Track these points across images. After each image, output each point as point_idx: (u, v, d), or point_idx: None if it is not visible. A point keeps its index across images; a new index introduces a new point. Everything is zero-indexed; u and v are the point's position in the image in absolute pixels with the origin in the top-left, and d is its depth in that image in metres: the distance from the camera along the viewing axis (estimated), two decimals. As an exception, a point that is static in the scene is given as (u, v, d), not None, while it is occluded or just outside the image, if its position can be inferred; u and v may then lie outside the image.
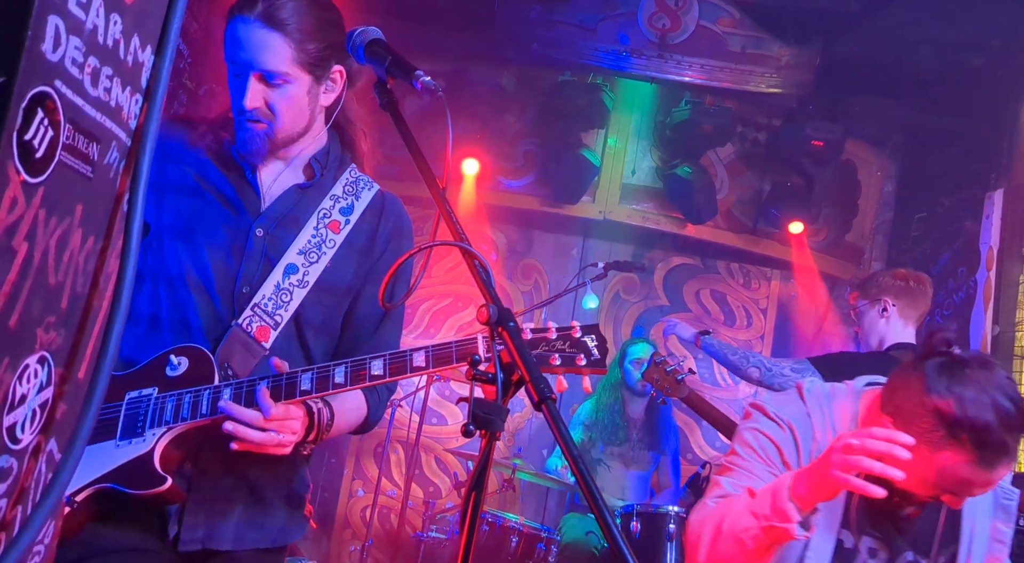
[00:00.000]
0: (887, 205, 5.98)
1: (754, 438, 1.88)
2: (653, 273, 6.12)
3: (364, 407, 1.86)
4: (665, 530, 4.10)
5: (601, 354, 1.47)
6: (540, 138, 5.79)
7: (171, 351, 1.69)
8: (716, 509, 1.79)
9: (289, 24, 1.67)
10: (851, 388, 1.94)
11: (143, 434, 1.63)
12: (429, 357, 1.56)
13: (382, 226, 1.89)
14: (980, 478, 1.63)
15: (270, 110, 1.73)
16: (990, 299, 4.73)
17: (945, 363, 1.68)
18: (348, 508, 5.78)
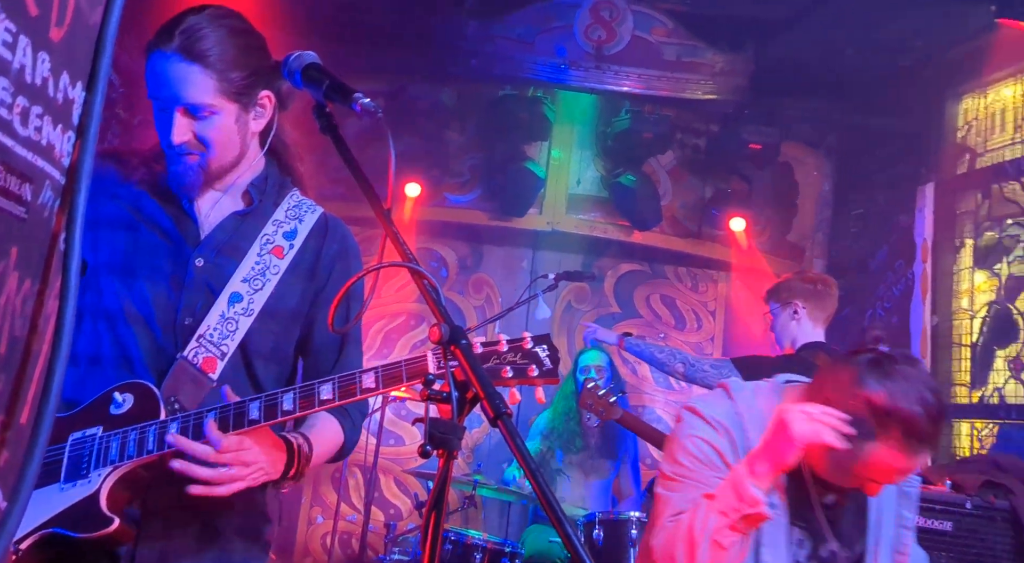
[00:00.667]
0: (825, 203, 6.13)
1: (694, 446, 1.91)
2: (603, 281, 6.17)
3: (340, 434, 1.83)
4: (628, 536, 4.12)
5: (553, 363, 1.46)
6: (484, 153, 5.81)
7: (115, 388, 1.65)
8: (679, 526, 1.81)
9: (210, 55, 1.63)
10: (772, 385, 2.02)
11: (88, 475, 1.59)
12: (379, 378, 1.54)
13: (327, 249, 1.86)
14: (904, 466, 1.75)
15: (200, 142, 1.69)
16: (927, 290, 4.88)
17: (875, 359, 1.78)
18: (308, 536, 5.69)
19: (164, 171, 1.78)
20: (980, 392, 4.44)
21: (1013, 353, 4.29)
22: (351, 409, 1.85)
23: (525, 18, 5.29)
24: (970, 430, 4.53)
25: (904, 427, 1.70)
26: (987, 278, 4.60)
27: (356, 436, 1.89)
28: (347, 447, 1.87)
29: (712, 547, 1.74)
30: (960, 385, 4.55)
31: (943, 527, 3.19)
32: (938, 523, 3.17)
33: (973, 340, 4.56)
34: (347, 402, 1.57)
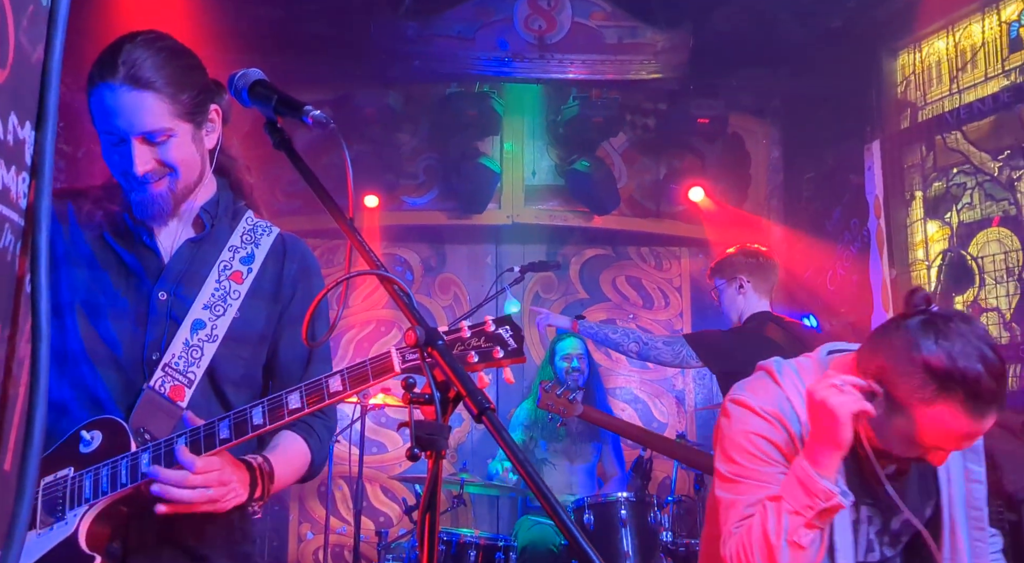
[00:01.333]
0: (776, 170, 6.21)
1: (750, 443, 1.82)
2: (568, 269, 6.20)
3: (307, 452, 1.82)
4: (618, 517, 4.17)
5: (517, 343, 1.46)
6: (437, 153, 5.81)
7: (81, 427, 1.63)
8: (751, 531, 1.74)
9: (156, 81, 1.62)
10: (816, 359, 1.94)
11: (64, 517, 1.58)
12: (345, 380, 1.53)
13: (287, 269, 1.86)
14: (971, 429, 1.66)
15: (165, 166, 1.68)
16: (883, 245, 4.98)
17: (928, 320, 1.70)
18: (300, 553, 5.65)
19: (120, 207, 1.77)
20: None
21: (971, 297, 4.40)
22: (317, 427, 1.85)
23: (464, 14, 5.29)
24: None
25: (967, 387, 1.62)
26: (939, 227, 4.71)
27: (324, 453, 1.88)
28: (316, 465, 1.85)
29: (791, 548, 1.68)
30: (924, 335, 4.66)
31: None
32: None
33: (932, 289, 4.67)
34: (316, 408, 1.55)
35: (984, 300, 4.30)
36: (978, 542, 1.92)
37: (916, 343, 1.67)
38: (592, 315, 6.15)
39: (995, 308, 4.23)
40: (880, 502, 1.86)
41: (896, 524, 1.89)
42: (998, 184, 4.31)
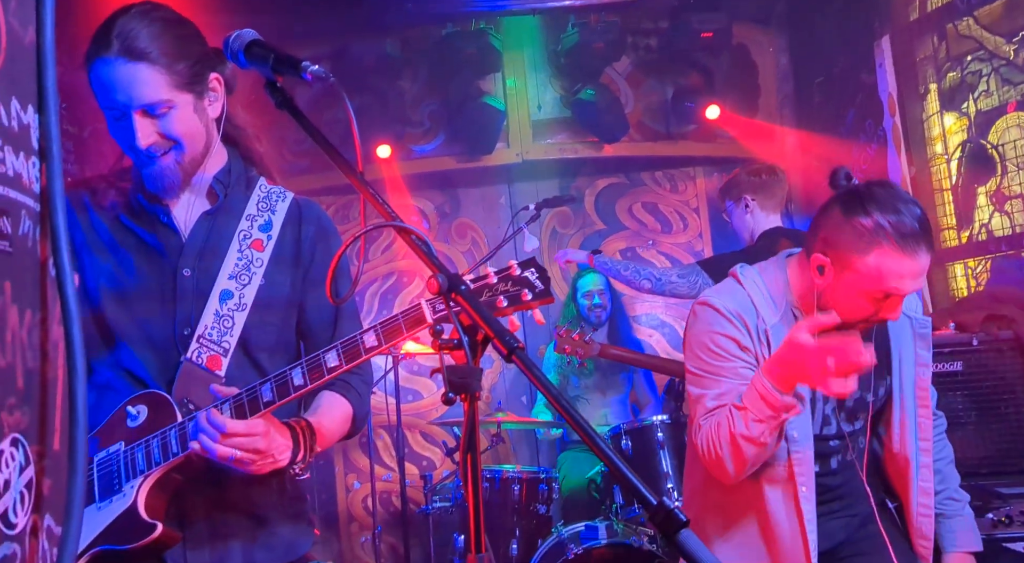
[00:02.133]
0: (785, 78, 6.08)
1: (713, 343, 2.05)
2: (583, 201, 6.16)
3: (348, 409, 1.87)
4: (655, 439, 4.23)
5: (544, 284, 1.47)
6: (440, 97, 5.73)
7: (126, 403, 1.68)
8: (719, 428, 1.96)
9: (151, 52, 1.62)
10: (776, 261, 2.16)
11: (122, 489, 1.63)
12: (379, 335, 1.55)
13: (304, 233, 1.88)
14: (909, 266, 1.89)
15: (168, 139, 1.68)
16: (900, 142, 4.89)
17: (849, 191, 1.98)
18: (349, 502, 5.80)
19: (134, 186, 1.79)
20: (967, 232, 4.49)
21: (993, 187, 4.33)
22: (355, 383, 1.89)
23: (452, -50, 5.16)
24: (964, 270, 4.60)
25: (894, 229, 1.87)
26: (956, 119, 4.61)
27: (364, 408, 1.92)
28: (358, 420, 1.90)
29: (754, 445, 1.90)
30: (947, 229, 4.60)
31: (954, 368, 3.29)
32: (948, 365, 3.27)
33: (953, 183, 4.59)
34: (354, 365, 1.58)
35: (1007, 188, 4.23)
36: (923, 419, 2.18)
37: (843, 212, 1.94)
38: (611, 245, 6.13)
39: (1019, 195, 4.16)
40: None
41: (850, 401, 2.12)
42: (1014, 67, 4.19)
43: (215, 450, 1.56)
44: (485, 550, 1.12)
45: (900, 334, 2.17)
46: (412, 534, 4.94)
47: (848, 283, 1.94)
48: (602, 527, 4.03)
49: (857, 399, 2.13)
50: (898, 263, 1.88)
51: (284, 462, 1.66)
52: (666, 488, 4.15)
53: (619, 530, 4.07)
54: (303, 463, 1.71)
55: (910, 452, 2.15)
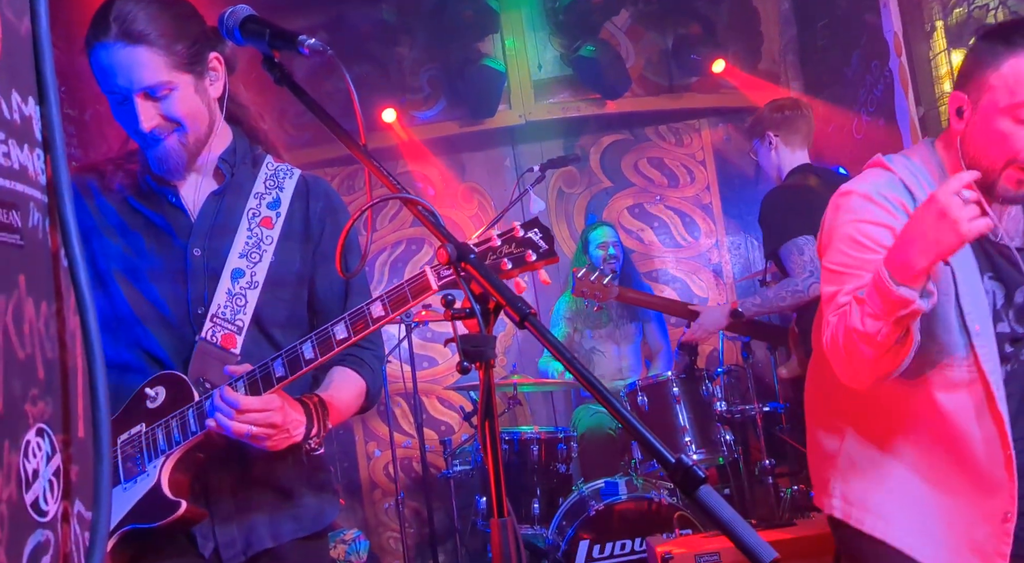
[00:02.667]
0: (788, 23, 5.98)
1: (860, 233, 1.79)
2: (588, 159, 6.12)
3: (361, 383, 1.88)
4: (671, 394, 4.25)
5: (548, 244, 1.45)
6: (439, 61, 5.67)
7: (144, 386, 1.70)
8: (840, 319, 1.74)
9: (149, 34, 1.62)
10: (920, 144, 1.93)
11: (145, 469, 1.66)
12: (386, 304, 1.56)
13: (312, 209, 1.88)
14: None
15: (170, 121, 1.69)
16: (908, 83, 4.82)
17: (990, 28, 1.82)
18: (371, 470, 5.88)
19: (141, 168, 1.80)
20: (979, 173, 4.44)
21: (1004, 126, 4.27)
22: (367, 358, 1.90)
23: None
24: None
25: (1014, 28, 1.71)
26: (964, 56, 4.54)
27: (378, 382, 1.93)
28: (372, 394, 1.91)
29: (870, 346, 1.67)
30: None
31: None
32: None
33: (963, 124, 4.54)
34: (363, 335, 1.59)
35: (1017, 127, 4.18)
36: None
37: (981, 40, 1.78)
38: (618, 202, 6.10)
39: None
40: (1002, 273, 1.83)
41: (1020, 296, 1.83)
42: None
43: (230, 427, 1.58)
44: (508, 514, 1.13)
45: None
46: (434, 498, 5.01)
47: (986, 111, 1.70)
48: (622, 483, 4.08)
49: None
50: None
51: (299, 437, 1.68)
52: (684, 442, 4.19)
53: (639, 485, 4.11)
54: (318, 438, 1.74)
55: None
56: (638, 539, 3.94)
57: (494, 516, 1.12)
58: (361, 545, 4.57)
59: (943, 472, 1.82)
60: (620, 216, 6.08)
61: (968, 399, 1.77)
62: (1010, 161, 1.71)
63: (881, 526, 1.87)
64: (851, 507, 1.93)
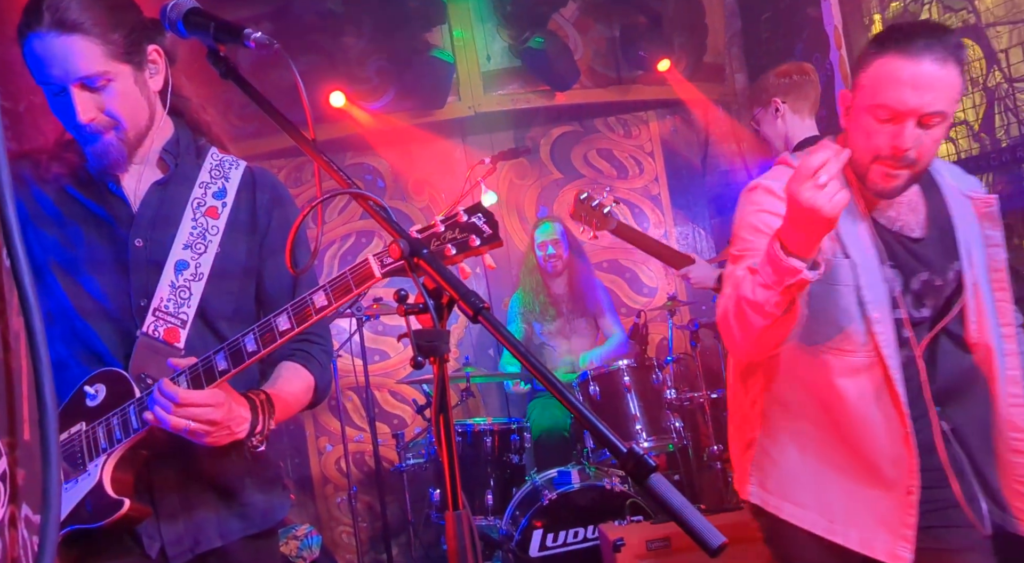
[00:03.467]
0: (733, 15, 6.07)
1: (760, 221, 1.91)
2: (539, 151, 6.14)
3: (309, 378, 1.85)
4: (622, 383, 4.31)
5: (492, 228, 1.42)
6: (386, 52, 5.62)
7: (83, 383, 1.66)
8: (730, 295, 1.85)
9: (84, 22, 1.57)
10: (826, 141, 1.99)
11: (86, 468, 1.63)
12: (329, 293, 1.53)
13: (259, 200, 1.85)
14: (908, 73, 1.73)
15: (109, 117, 1.64)
16: (847, 75, 4.93)
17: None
18: (322, 465, 5.84)
19: (79, 158, 1.74)
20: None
21: (940, 116, 4.40)
22: (315, 352, 1.87)
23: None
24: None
25: (899, 31, 1.76)
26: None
27: (326, 377, 1.90)
28: (320, 389, 1.88)
29: (759, 314, 1.77)
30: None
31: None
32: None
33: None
34: (306, 326, 1.55)
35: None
36: (1003, 303, 2.00)
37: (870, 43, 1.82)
38: (569, 193, 6.13)
39: (963, 121, 4.24)
40: (900, 261, 1.93)
41: (916, 283, 1.94)
42: (955, -4, 4.24)
43: (168, 421, 1.54)
44: (463, 507, 1.14)
45: (962, 214, 1.98)
46: (387, 492, 5.00)
47: (857, 108, 1.81)
48: (575, 472, 4.12)
49: (924, 281, 1.94)
50: (896, 67, 1.73)
51: (242, 434, 1.65)
52: (635, 430, 4.25)
53: (591, 473, 4.16)
54: (261, 435, 1.70)
55: (991, 339, 1.94)
56: (591, 526, 3.99)
57: (449, 509, 1.13)
58: (313, 540, 4.53)
59: (849, 454, 1.91)
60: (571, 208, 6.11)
61: (868, 383, 1.87)
62: (875, 157, 1.81)
63: (798, 513, 1.96)
64: (768, 495, 2.02)
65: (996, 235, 2.01)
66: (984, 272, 1.98)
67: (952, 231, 1.97)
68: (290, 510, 1.92)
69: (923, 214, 1.97)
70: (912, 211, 1.97)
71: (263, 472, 1.85)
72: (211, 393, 1.57)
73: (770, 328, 1.78)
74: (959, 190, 2.02)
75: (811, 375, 1.92)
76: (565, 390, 1.06)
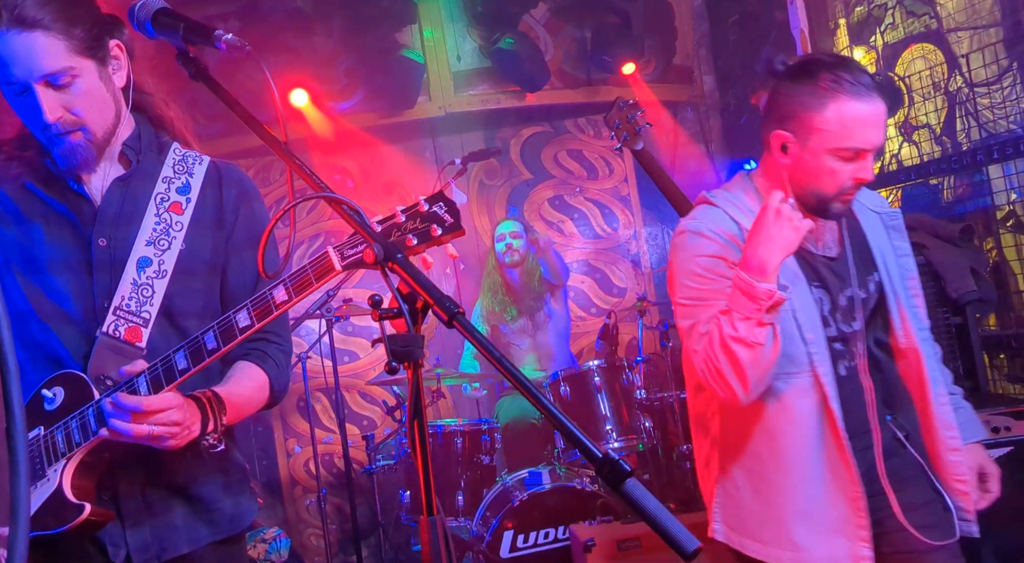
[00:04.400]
0: (701, 19, 6.12)
1: (700, 266, 1.97)
2: (509, 151, 6.14)
3: (264, 378, 1.80)
4: (592, 384, 4.33)
5: (454, 217, 1.38)
6: (356, 52, 5.58)
7: (41, 387, 1.62)
8: (711, 342, 1.89)
9: (43, 18, 1.53)
10: (739, 176, 2.11)
11: (45, 474, 1.59)
12: (289, 288, 1.49)
13: (225, 195, 1.81)
14: (869, 114, 1.86)
15: (75, 115, 1.60)
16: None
17: (793, 63, 1.98)
18: (291, 467, 5.79)
19: (40, 154, 1.69)
20: (878, 163, 4.64)
21: (901, 118, 4.48)
22: (272, 352, 1.84)
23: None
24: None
25: (845, 79, 1.85)
26: (865, 52, 4.73)
27: (284, 377, 1.86)
28: (276, 390, 1.84)
29: (749, 348, 1.83)
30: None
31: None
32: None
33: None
34: (267, 321, 1.51)
35: (915, 118, 4.38)
36: (920, 308, 2.13)
37: (793, 79, 1.93)
38: (539, 194, 6.15)
39: (926, 125, 4.32)
40: (825, 281, 2.03)
41: (843, 300, 2.03)
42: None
43: (130, 430, 1.51)
44: (437, 512, 1.14)
45: (874, 229, 2.12)
46: (357, 494, 4.97)
47: (813, 149, 1.89)
48: (545, 472, 4.13)
49: (849, 297, 2.04)
50: (857, 110, 1.85)
51: (196, 434, 1.61)
52: (605, 430, 4.27)
53: (562, 473, 4.17)
54: (215, 434, 1.66)
55: (917, 342, 2.05)
56: (561, 527, 4.00)
57: (424, 515, 1.13)
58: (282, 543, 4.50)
59: (800, 474, 1.96)
60: (541, 208, 6.13)
61: (811, 402, 1.95)
62: (840, 191, 1.93)
63: (762, 550, 2.00)
64: (732, 532, 2.06)
65: (905, 246, 2.15)
66: (901, 281, 2.09)
67: (867, 245, 2.09)
68: (258, 513, 1.89)
69: (838, 232, 2.07)
70: (829, 231, 2.07)
71: (230, 477, 1.82)
72: (166, 396, 1.54)
73: (759, 359, 1.84)
74: (867, 206, 2.14)
75: (757, 407, 1.98)
76: (538, 393, 1.06)
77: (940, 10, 4.17)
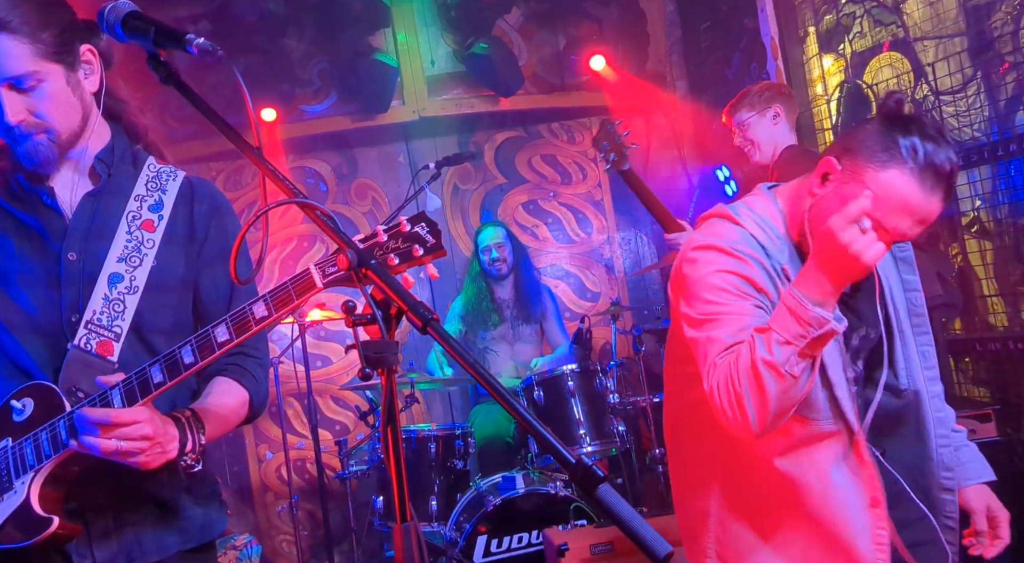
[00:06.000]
0: (674, 25, 6.17)
1: (723, 281, 1.79)
2: (483, 156, 6.15)
3: (243, 393, 1.79)
4: (566, 388, 4.34)
5: (435, 238, 1.39)
6: (329, 55, 5.57)
7: (10, 398, 1.60)
8: (738, 361, 1.69)
9: (10, 21, 1.52)
10: (760, 193, 1.95)
11: (13, 486, 1.57)
12: (269, 304, 1.48)
13: (197, 211, 1.80)
14: (919, 203, 1.67)
15: (39, 119, 1.59)
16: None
17: (901, 111, 1.75)
18: (262, 473, 5.74)
19: (11, 167, 1.68)
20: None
21: (871, 126, 4.54)
22: (250, 366, 1.83)
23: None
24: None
25: (926, 156, 1.66)
26: (834, 60, 4.79)
27: (262, 391, 1.85)
28: (256, 404, 1.83)
29: (781, 379, 1.63)
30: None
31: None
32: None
33: (833, 122, 4.80)
34: (246, 337, 1.50)
35: (883, 128, 4.45)
36: (925, 346, 2.00)
37: (886, 123, 1.72)
38: (513, 198, 6.16)
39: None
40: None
41: (856, 340, 1.92)
42: (885, 8, 4.38)
43: (97, 445, 1.48)
44: (411, 518, 1.13)
45: (883, 261, 1.98)
46: (330, 499, 4.94)
47: (845, 198, 1.67)
48: (519, 477, 4.13)
49: (862, 336, 1.91)
50: (911, 192, 1.66)
51: (173, 453, 1.58)
52: (579, 434, 4.28)
53: (535, 478, 4.18)
54: (194, 454, 1.64)
55: (919, 384, 1.94)
56: (535, 531, 4.01)
57: (397, 522, 1.12)
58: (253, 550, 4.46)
59: (817, 526, 1.84)
60: (515, 212, 6.14)
61: (835, 450, 1.83)
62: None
63: None
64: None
65: (914, 280, 2.02)
66: (907, 317, 1.98)
67: (876, 279, 1.96)
68: (229, 521, 1.87)
69: None
70: None
71: (200, 486, 1.80)
72: (136, 409, 1.51)
73: (787, 393, 1.64)
74: None
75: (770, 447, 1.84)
76: (512, 399, 1.06)
77: (907, 19, 4.24)
